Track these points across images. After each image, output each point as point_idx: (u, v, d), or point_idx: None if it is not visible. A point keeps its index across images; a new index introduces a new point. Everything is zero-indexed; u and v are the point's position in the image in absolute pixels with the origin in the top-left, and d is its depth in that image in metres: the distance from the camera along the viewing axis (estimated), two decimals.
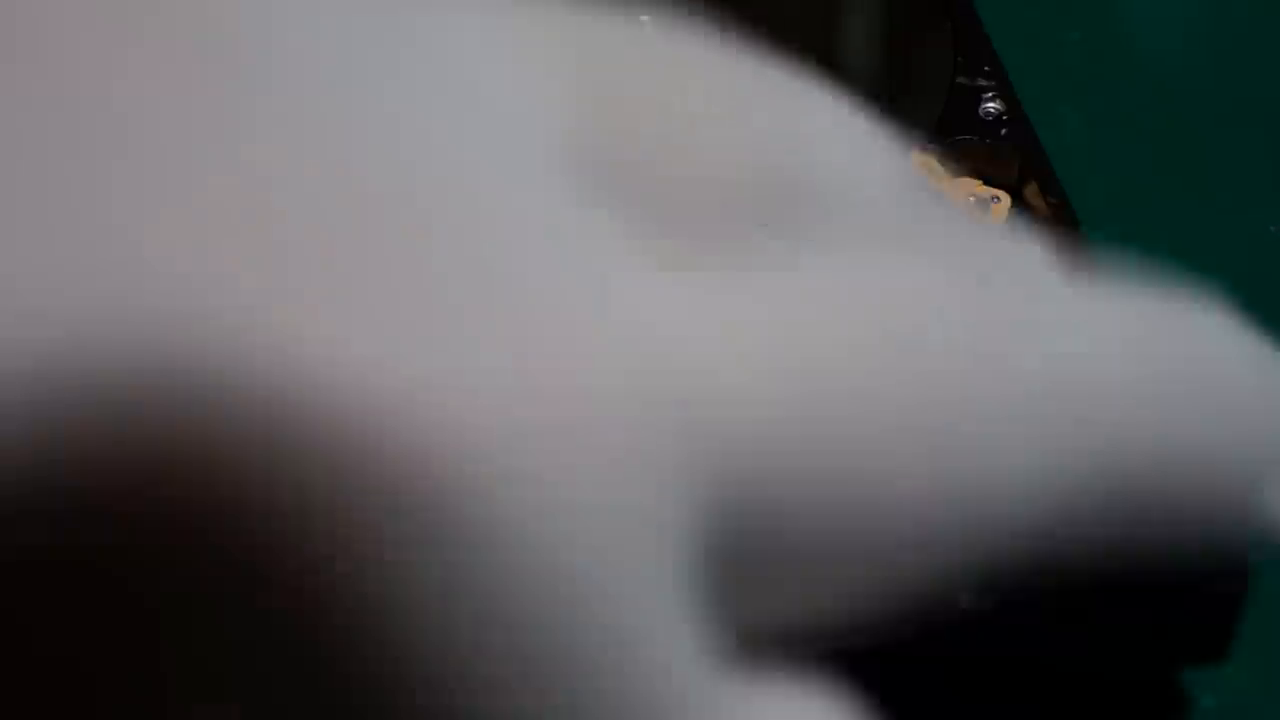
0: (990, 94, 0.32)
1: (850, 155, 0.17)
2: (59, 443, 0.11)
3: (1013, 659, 0.26)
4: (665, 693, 0.13)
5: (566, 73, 0.15)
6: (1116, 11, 0.42)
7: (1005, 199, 0.30)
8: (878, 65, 0.37)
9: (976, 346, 0.16)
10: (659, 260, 0.14)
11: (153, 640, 0.12)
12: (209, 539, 0.12)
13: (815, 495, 0.14)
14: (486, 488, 0.12)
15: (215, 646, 0.12)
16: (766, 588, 0.15)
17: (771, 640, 0.15)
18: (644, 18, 0.17)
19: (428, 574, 0.12)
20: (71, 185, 0.12)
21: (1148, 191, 0.37)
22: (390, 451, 0.12)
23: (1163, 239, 0.36)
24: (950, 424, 0.15)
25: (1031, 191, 0.31)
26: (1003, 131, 0.32)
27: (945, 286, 0.16)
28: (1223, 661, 0.25)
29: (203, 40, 0.13)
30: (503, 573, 0.12)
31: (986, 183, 0.30)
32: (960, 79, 0.33)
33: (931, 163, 0.30)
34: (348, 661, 0.12)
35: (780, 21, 0.37)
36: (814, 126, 0.17)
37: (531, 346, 0.13)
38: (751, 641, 0.14)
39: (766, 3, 0.38)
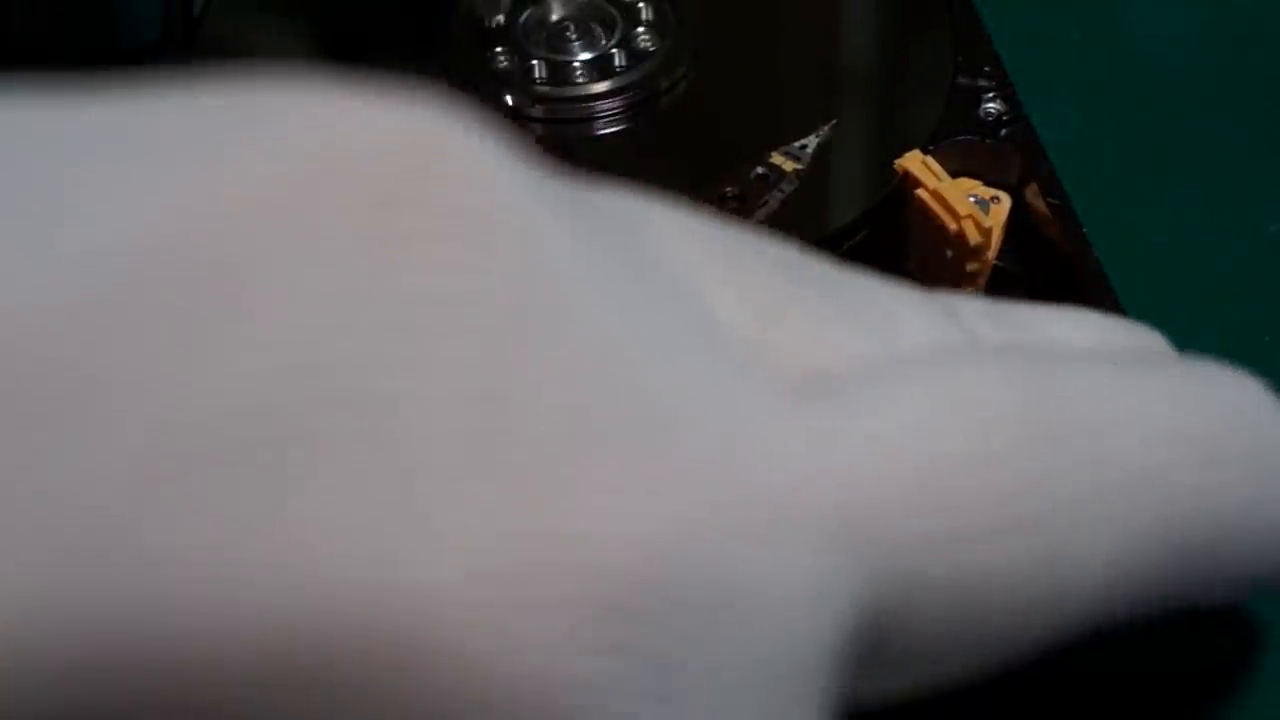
0: (990, 94, 0.32)
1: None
2: None
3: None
4: None
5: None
6: (1116, 11, 0.42)
7: (1005, 199, 0.30)
8: (878, 65, 0.37)
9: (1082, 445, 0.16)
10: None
11: None
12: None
13: (947, 594, 0.15)
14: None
15: None
16: (878, 673, 0.16)
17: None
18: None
19: None
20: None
21: (1148, 191, 0.37)
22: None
23: (1163, 239, 0.36)
24: (1062, 519, 0.16)
25: (1031, 191, 0.31)
26: (1003, 131, 0.32)
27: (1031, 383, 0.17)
28: (1222, 660, 0.26)
29: None
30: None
31: (987, 183, 0.30)
32: (960, 79, 0.33)
33: (931, 163, 0.30)
34: None
35: (781, 21, 0.38)
36: None
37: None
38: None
39: (768, 3, 0.38)
